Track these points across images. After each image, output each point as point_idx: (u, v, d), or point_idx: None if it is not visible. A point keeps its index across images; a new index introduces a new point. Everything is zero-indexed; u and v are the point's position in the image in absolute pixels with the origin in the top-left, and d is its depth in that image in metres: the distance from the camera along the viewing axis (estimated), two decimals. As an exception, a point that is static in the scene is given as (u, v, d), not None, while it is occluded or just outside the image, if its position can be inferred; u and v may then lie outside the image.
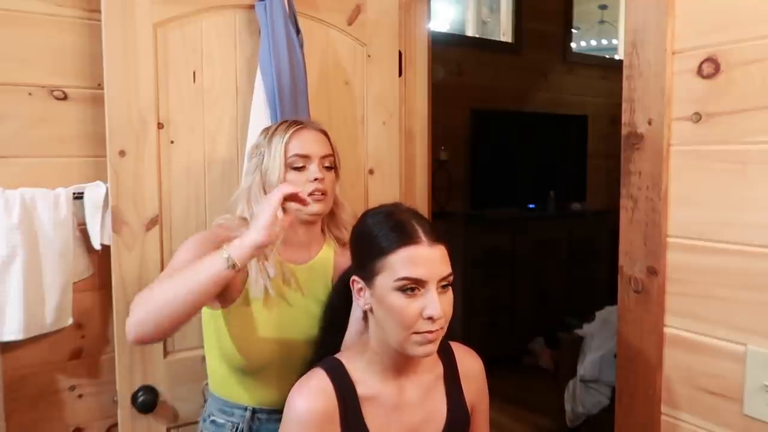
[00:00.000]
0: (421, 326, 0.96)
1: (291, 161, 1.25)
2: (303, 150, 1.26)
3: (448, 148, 3.84)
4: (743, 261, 1.02)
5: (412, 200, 1.93)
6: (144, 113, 1.44)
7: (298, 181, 1.24)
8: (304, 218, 1.27)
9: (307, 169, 1.26)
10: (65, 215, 1.45)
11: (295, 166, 1.25)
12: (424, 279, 0.95)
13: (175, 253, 1.22)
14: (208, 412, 1.31)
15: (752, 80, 1.00)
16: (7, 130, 1.43)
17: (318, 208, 1.26)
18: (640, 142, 1.15)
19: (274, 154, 1.25)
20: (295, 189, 1.10)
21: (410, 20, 1.91)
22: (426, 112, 1.97)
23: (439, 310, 0.95)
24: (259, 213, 1.09)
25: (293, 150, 1.25)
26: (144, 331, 1.07)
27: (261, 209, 1.09)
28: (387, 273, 0.97)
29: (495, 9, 4.48)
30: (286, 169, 1.25)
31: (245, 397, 1.26)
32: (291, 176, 1.25)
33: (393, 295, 0.96)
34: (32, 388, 1.49)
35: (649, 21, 1.13)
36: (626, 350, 1.21)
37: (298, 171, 1.25)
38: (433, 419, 1.07)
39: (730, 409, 1.05)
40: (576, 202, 4.41)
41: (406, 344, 0.98)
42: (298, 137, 1.27)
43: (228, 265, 1.03)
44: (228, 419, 1.27)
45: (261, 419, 1.26)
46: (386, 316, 0.98)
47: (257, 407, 1.26)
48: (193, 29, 1.50)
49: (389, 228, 0.99)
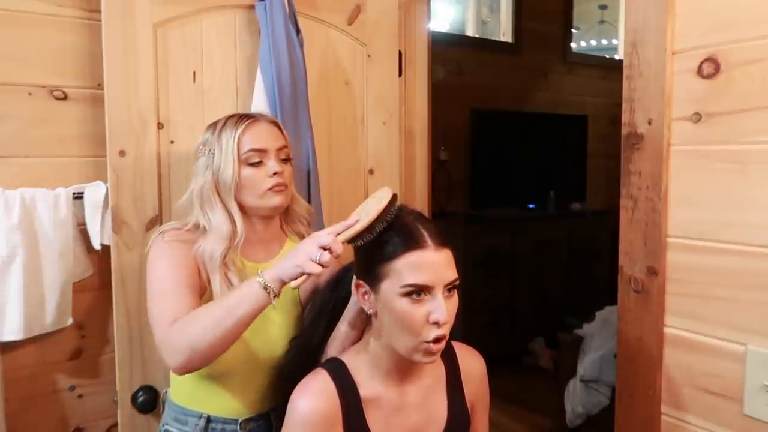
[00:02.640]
0: (428, 332, 0.95)
1: (246, 157, 1.19)
2: (258, 144, 1.20)
3: (448, 148, 3.83)
4: (743, 261, 1.02)
5: (412, 200, 1.93)
6: (144, 113, 1.44)
7: (256, 177, 1.20)
8: (263, 213, 1.24)
9: (265, 164, 1.20)
10: (65, 215, 1.45)
11: (251, 161, 1.19)
12: (430, 285, 0.95)
13: (150, 266, 1.17)
14: (164, 422, 1.27)
15: (752, 80, 1.00)
16: (7, 130, 1.43)
17: (279, 200, 1.22)
18: (640, 142, 1.15)
19: (226, 150, 1.18)
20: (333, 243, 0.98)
21: (410, 20, 1.91)
22: (426, 112, 1.97)
23: (445, 315, 0.94)
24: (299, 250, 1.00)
25: (248, 145, 1.19)
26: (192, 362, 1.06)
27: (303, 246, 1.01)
28: (393, 278, 0.96)
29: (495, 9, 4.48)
30: (241, 165, 1.19)
31: (202, 404, 1.22)
32: (247, 172, 1.19)
33: (399, 301, 0.95)
34: (32, 388, 1.49)
35: (649, 21, 1.13)
36: (626, 350, 1.21)
37: (254, 167, 1.20)
38: (434, 421, 1.07)
39: (730, 409, 1.05)
40: (576, 202, 4.40)
41: (411, 352, 0.97)
42: (251, 131, 1.20)
43: (271, 298, 1.02)
44: (181, 428, 1.23)
45: (215, 429, 1.22)
46: (392, 321, 0.97)
47: (213, 415, 1.21)
48: (193, 29, 1.50)
49: (394, 232, 0.98)
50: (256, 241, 1.26)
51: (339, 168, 1.75)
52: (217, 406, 1.22)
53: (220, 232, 1.19)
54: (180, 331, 1.06)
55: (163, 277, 1.15)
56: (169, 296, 1.13)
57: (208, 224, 1.20)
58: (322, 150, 1.65)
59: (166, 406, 1.30)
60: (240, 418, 1.23)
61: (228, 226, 1.20)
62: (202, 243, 1.19)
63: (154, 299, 1.14)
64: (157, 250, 1.19)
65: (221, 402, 1.22)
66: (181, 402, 1.25)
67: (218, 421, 1.22)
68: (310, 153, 1.57)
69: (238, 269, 1.21)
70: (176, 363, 1.06)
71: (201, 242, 1.19)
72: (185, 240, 1.20)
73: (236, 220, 1.21)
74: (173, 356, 1.06)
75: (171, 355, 1.07)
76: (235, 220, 1.21)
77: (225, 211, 1.20)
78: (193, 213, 1.23)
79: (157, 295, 1.14)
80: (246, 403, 1.23)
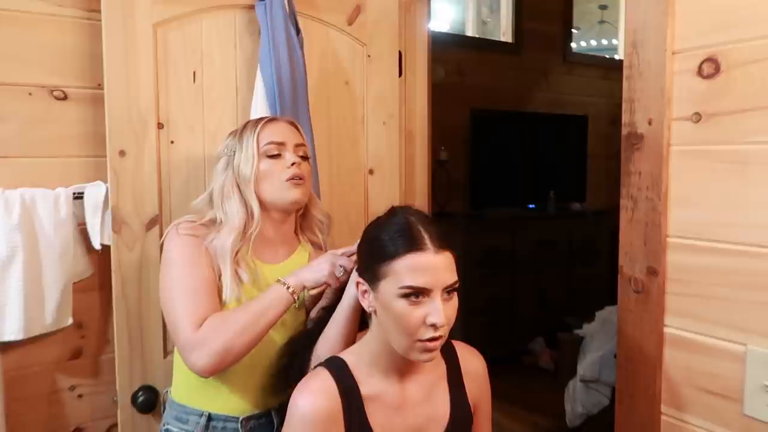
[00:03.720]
0: (424, 333, 0.95)
1: (265, 149, 1.23)
2: (277, 137, 1.24)
3: (448, 148, 3.83)
4: (743, 261, 1.02)
5: (412, 200, 1.93)
6: (144, 113, 1.44)
7: (274, 169, 1.23)
8: (282, 207, 1.25)
9: (283, 156, 1.24)
10: (65, 215, 1.45)
11: (269, 154, 1.23)
12: (428, 287, 0.95)
13: (168, 262, 1.19)
14: (165, 421, 1.28)
15: (752, 80, 1.00)
16: (7, 130, 1.43)
17: (297, 194, 1.24)
18: (640, 142, 1.15)
19: (246, 145, 1.23)
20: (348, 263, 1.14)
21: (410, 20, 1.91)
22: (426, 113, 1.97)
23: (442, 318, 0.94)
24: (323, 263, 1.16)
25: (267, 138, 1.24)
26: (225, 363, 1.11)
27: (325, 261, 1.17)
28: (392, 279, 0.96)
29: (495, 9, 4.48)
30: (260, 158, 1.22)
31: (203, 403, 1.23)
32: (265, 165, 1.23)
33: (397, 302, 0.95)
34: (32, 388, 1.49)
35: (649, 21, 1.13)
36: (626, 350, 1.21)
37: (273, 159, 1.23)
38: (435, 418, 1.07)
39: (730, 409, 1.05)
40: (576, 202, 4.41)
41: (408, 350, 0.98)
42: (271, 127, 1.26)
43: (295, 300, 1.15)
44: (182, 427, 1.23)
45: (216, 427, 1.23)
46: (390, 321, 0.97)
47: (214, 413, 1.22)
48: (193, 29, 1.50)
49: (395, 232, 0.98)
50: (268, 241, 1.27)
51: (339, 168, 1.75)
52: (218, 404, 1.23)
53: (234, 222, 1.21)
54: (214, 332, 1.10)
55: (181, 277, 1.16)
56: (191, 298, 1.14)
57: (224, 217, 1.22)
58: (322, 150, 1.65)
59: (168, 405, 1.31)
60: (241, 416, 1.23)
61: (242, 216, 1.22)
62: (215, 235, 1.20)
63: (174, 300, 1.15)
64: (173, 246, 1.20)
65: (222, 400, 1.23)
66: (183, 400, 1.25)
67: (219, 419, 1.23)
68: (309, 153, 1.57)
69: (249, 268, 1.23)
70: (208, 365, 1.09)
71: (214, 234, 1.20)
72: (199, 234, 1.21)
73: (254, 210, 1.22)
74: (205, 358, 1.09)
75: (203, 357, 1.09)
76: (253, 209, 1.22)
77: (242, 202, 1.23)
78: (211, 210, 1.25)
79: (178, 297, 1.15)
80: (247, 401, 1.24)
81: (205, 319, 1.12)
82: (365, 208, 1.80)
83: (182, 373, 1.24)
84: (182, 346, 1.13)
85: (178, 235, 1.20)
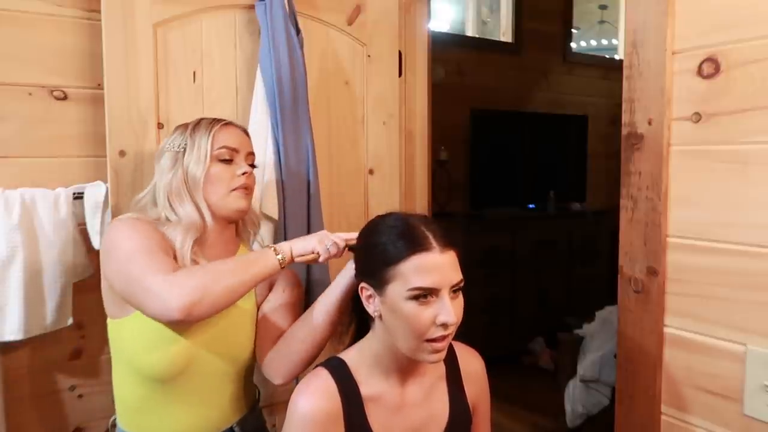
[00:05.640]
0: (434, 332, 0.95)
1: (218, 153, 1.19)
2: (232, 143, 1.21)
3: (448, 148, 3.83)
4: (743, 261, 1.02)
5: (412, 200, 1.93)
6: (144, 113, 1.44)
7: (224, 176, 1.19)
8: (225, 214, 1.21)
9: (235, 163, 1.21)
10: (65, 215, 1.45)
11: (222, 158, 1.19)
12: (437, 287, 0.95)
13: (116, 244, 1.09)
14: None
15: (752, 80, 1.00)
16: (7, 130, 1.43)
17: (243, 204, 1.22)
18: (640, 142, 1.15)
19: (199, 145, 1.19)
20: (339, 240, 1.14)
21: (410, 20, 1.91)
22: (426, 113, 1.97)
23: (452, 316, 0.95)
24: (314, 235, 1.16)
25: (221, 142, 1.20)
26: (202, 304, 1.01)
27: (317, 234, 1.17)
28: (399, 282, 0.95)
29: (495, 9, 4.48)
30: (212, 161, 1.19)
31: (159, 426, 1.15)
32: (216, 169, 1.19)
33: (405, 304, 0.95)
34: (32, 388, 1.49)
35: (649, 21, 1.13)
36: (626, 350, 1.21)
37: (224, 164, 1.20)
38: (435, 419, 1.07)
39: (730, 409, 1.05)
40: (576, 202, 4.40)
41: (417, 352, 0.97)
42: (227, 131, 1.23)
43: (281, 265, 1.12)
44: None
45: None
46: (398, 324, 0.97)
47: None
48: (193, 29, 1.50)
49: (398, 235, 0.98)
50: (211, 243, 1.22)
51: (339, 168, 1.75)
52: (174, 425, 1.16)
53: (190, 222, 1.16)
54: (189, 274, 1.03)
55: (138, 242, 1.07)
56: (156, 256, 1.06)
57: (175, 219, 1.18)
58: (322, 150, 1.65)
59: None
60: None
61: (195, 219, 1.17)
62: (171, 229, 1.15)
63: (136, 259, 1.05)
64: (118, 231, 1.10)
65: (178, 424, 1.16)
66: (131, 429, 1.18)
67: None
68: (309, 153, 1.57)
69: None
70: (181, 302, 0.98)
71: (168, 227, 1.16)
72: (149, 221, 1.16)
73: (205, 214, 1.19)
74: (178, 298, 0.99)
75: (174, 296, 0.99)
76: (204, 214, 1.19)
77: (194, 206, 1.18)
78: (156, 209, 1.20)
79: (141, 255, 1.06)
80: (208, 421, 1.19)
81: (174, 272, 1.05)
82: (365, 208, 1.80)
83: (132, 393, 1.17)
84: (155, 291, 1.01)
85: (121, 223, 1.12)
